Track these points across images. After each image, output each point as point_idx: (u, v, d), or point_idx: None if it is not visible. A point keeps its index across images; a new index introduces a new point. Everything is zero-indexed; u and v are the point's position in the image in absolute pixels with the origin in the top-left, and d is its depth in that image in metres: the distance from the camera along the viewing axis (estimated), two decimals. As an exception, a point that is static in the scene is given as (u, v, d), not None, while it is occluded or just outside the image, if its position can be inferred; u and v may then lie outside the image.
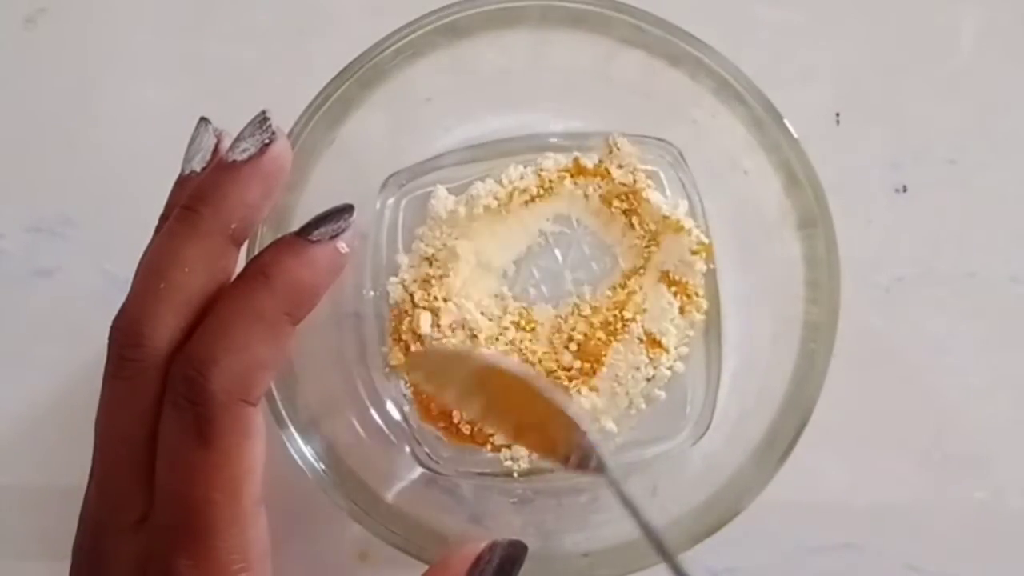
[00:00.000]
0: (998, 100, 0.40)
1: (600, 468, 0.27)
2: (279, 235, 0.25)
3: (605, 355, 0.35)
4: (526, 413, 0.29)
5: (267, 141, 0.25)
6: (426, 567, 0.26)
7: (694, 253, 0.35)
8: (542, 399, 0.28)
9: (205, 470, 0.23)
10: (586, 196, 0.36)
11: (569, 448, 0.28)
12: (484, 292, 0.36)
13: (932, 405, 0.38)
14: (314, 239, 0.25)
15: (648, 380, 0.35)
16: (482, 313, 0.35)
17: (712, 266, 0.36)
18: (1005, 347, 0.39)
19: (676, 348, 0.35)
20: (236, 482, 0.23)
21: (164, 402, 0.23)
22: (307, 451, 0.30)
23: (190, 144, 0.27)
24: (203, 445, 0.23)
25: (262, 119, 0.25)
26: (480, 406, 0.31)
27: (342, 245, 0.25)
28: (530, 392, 0.28)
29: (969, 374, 0.39)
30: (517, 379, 0.29)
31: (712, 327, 0.36)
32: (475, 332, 0.35)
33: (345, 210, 0.25)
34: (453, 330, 0.35)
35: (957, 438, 0.38)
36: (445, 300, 0.35)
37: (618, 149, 0.36)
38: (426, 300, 0.35)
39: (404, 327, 0.35)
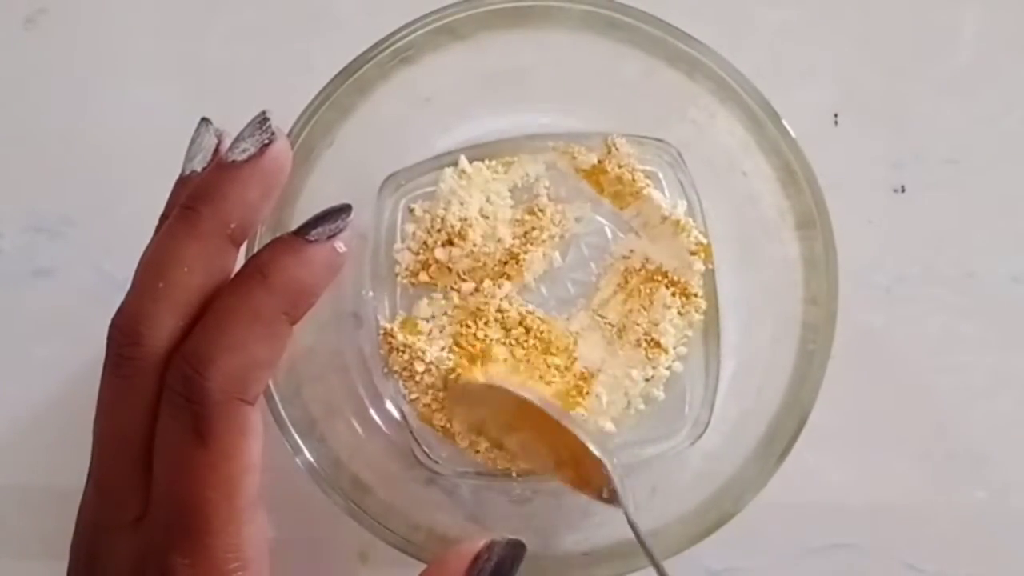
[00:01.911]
0: (998, 100, 0.40)
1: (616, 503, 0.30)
2: (278, 235, 0.25)
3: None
4: (561, 449, 0.30)
5: (267, 141, 0.25)
6: (425, 567, 0.26)
7: (693, 253, 0.35)
8: (572, 437, 0.30)
9: (202, 469, 0.23)
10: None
11: (602, 483, 0.30)
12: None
13: (932, 405, 0.38)
14: (312, 239, 0.25)
15: (647, 380, 0.35)
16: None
17: (711, 266, 0.36)
18: (1005, 347, 0.39)
19: (675, 348, 0.35)
20: (233, 481, 0.23)
21: (161, 401, 0.23)
22: (307, 451, 0.30)
23: (191, 144, 0.27)
24: (200, 444, 0.23)
25: (262, 119, 0.25)
26: (518, 440, 0.32)
27: (340, 245, 0.25)
28: (561, 429, 0.30)
29: (969, 374, 0.39)
30: (548, 416, 0.30)
31: (711, 327, 0.36)
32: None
33: (343, 210, 0.25)
34: (475, 250, 0.35)
35: (957, 438, 0.38)
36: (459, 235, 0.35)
37: (617, 150, 0.36)
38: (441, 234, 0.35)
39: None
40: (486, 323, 0.35)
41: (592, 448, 0.30)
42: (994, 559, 0.38)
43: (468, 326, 0.35)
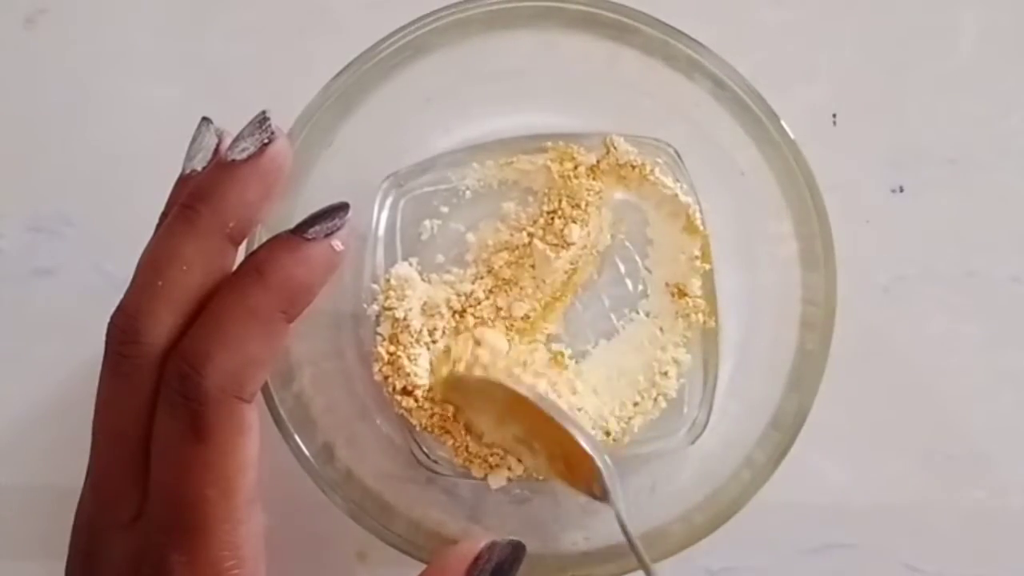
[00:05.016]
0: (998, 100, 0.40)
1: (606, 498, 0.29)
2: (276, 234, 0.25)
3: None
4: (554, 444, 0.30)
5: (266, 141, 0.25)
6: (425, 567, 0.26)
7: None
8: (565, 433, 0.30)
9: (199, 466, 0.23)
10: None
11: (593, 480, 0.29)
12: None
13: (932, 405, 0.38)
14: (309, 237, 0.25)
15: (647, 380, 0.35)
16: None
17: (710, 266, 0.36)
18: (1005, 347, 0.39)
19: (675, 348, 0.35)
20: (230, 479, 0.23)
21: (159, 399, 0.23)
22: (307, 451, 0.30)
23: (191, 143, 0.27)
24: (197, 441, 0.23)
25: (262, 119, 0.25)
26: (512, 435, 0.32)
27: (337, 243, 0.25)
28: (554, 425, 0.30)
29: (969, 374, 0.39)
30: (541, 412, 0.30)
31: (709, 327, 0.36)
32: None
33: (340, 208, 0.25)
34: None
35: (957, 438, 0.38)
36: None
37: (616, 149, 0.36)
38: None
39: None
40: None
41: (583, 444, 0.30)
42: (994, 559, 0.38)
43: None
